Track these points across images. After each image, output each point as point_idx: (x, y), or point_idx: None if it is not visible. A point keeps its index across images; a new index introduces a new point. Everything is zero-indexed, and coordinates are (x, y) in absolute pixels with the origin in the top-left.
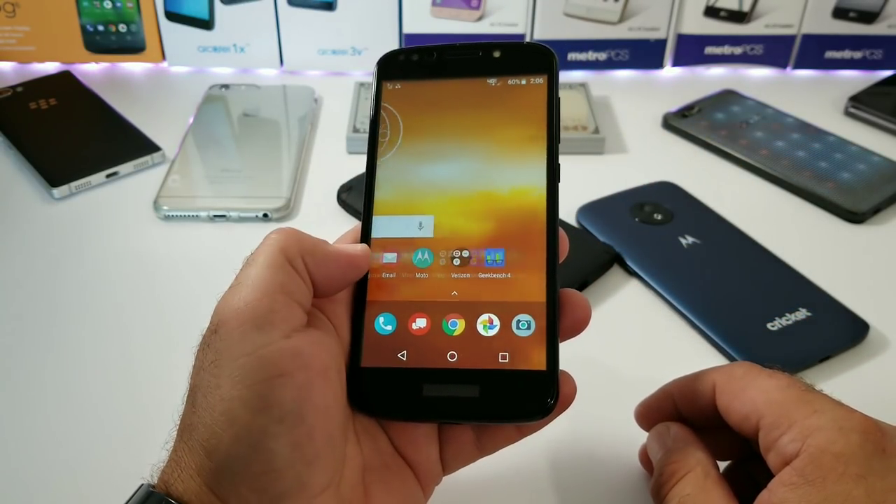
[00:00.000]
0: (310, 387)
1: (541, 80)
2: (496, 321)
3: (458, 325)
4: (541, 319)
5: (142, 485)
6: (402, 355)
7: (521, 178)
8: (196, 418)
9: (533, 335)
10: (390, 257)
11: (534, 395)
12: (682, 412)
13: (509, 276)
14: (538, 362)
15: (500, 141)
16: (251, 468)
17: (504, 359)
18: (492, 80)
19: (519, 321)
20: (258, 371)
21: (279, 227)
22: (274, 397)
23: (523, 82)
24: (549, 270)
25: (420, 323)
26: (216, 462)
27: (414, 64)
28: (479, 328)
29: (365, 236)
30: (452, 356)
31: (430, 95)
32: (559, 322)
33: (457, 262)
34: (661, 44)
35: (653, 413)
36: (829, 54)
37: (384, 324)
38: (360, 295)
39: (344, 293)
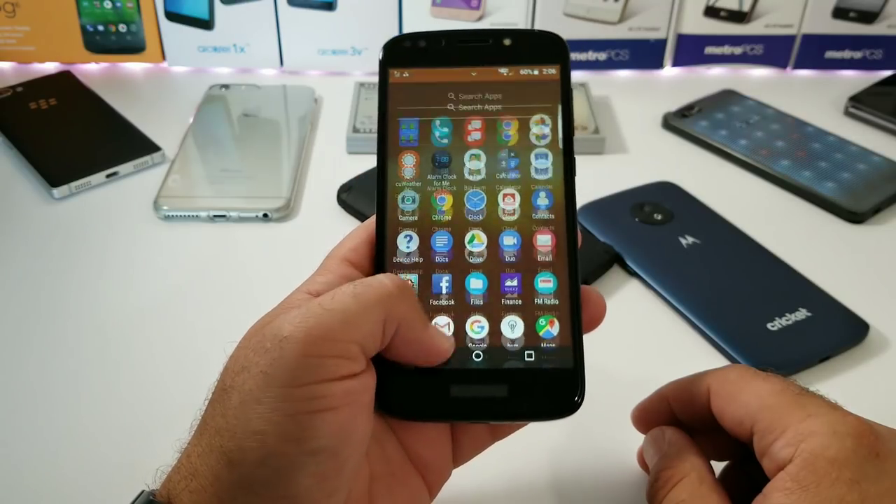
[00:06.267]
0: (352, 425)
1: (553, 71)
2: (520, 320)
3: (483, 329)
4: (565, 316)
5: (142, 491)
6: None
7: (538, 172)
8: (225, 423)
9: (558, 332)
10: (410, 256)
11: (561, 393)
12: (678, 415)
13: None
14: (565, 360)
15: (515, 133)
16: (270, 492)
17: (531, 357)
18: (503, 70)
19: (543, 318)
20: (306, 403)
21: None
22: (314, 430)
23: (535, 72)
24: (570, 265)
25: (443, 322)
26: (236, 476)
27: (421, 50)
28: (504, 326)
29: (380, 229)
30: (479, 356)
31: (439, 83)
32: (582, 318)
33: (476, 259)
34: (661, 44)
35: (649, 416)
36: (829, 54)
37: None
38: None
39: None
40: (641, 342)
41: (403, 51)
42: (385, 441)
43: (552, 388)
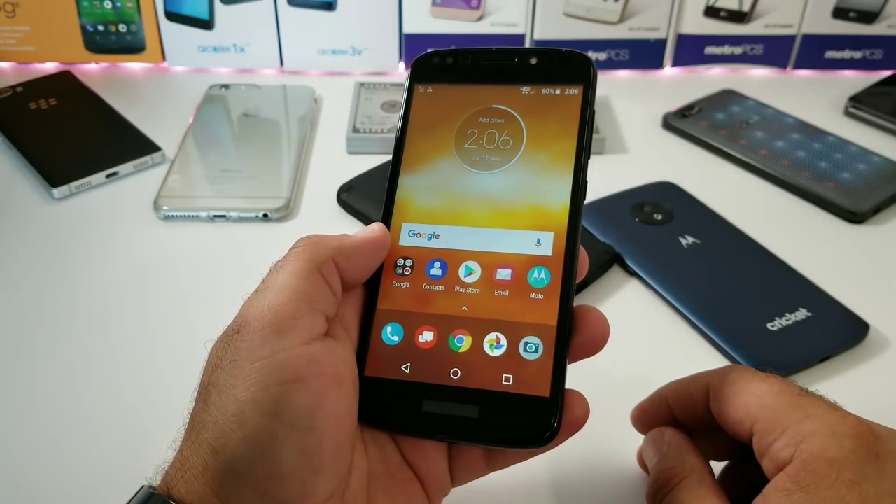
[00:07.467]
0: (324, 395)
1: (576, 91)
2: (503, 341)
3: (464, 342)
4: (549, 343)
5: (143, 486)
6: (406, 368)
7: (546, 194)
8: (207, 416)
9: (540, 359)
10: (403, 267)
11: (533, 423)
12: (677, 416)
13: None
14: (542, 388)
15: (528, 154)
16: (256, 472)
17: (507, 381)
18: (525, 89)
19: (527, 343)
20: (274, 375)
21: (306, 234)
22: (287, 402)
23: (557, 92)
24: (563, 293)
25: (426, 336)
26: (222, 462)
27: (447, 67)
28: (486, 347)
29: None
30: (455, 373)
31: (461, 101)
32: (569, 347)
33: (469, 276)
34: (661, 44)
35: (648, 417)
36: (829, 54)
37: (391, 334)
38: (371, 302)
39: (356, 300)
40: (641, 342)
41: (431, 67)
42: (384, 443)
43: (525, 416)
